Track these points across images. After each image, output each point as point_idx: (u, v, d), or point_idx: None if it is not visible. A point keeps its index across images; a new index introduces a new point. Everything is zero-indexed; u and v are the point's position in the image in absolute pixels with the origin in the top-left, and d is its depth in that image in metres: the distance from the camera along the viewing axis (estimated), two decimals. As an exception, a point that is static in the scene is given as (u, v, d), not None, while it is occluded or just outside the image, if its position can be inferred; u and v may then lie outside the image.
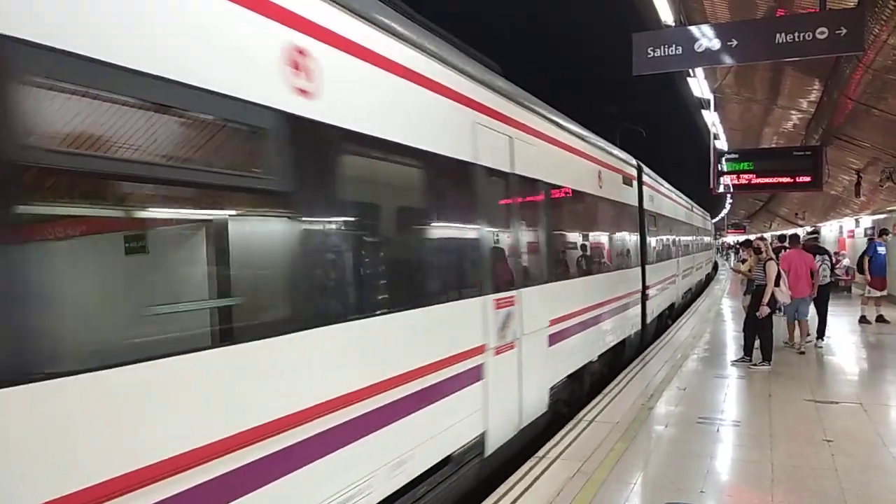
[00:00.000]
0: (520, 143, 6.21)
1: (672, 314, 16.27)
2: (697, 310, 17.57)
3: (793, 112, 13.03)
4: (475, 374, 4.98)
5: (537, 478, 5.17)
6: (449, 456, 4.67)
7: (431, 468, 4.42)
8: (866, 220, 20.34)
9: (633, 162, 12.29)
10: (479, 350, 5.05)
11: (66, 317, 2.41)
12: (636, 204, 12.22)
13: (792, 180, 12.91)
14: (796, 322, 10.58)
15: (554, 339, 6.83)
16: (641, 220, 12.48)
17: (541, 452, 5.77)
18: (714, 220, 49.57)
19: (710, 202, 36.75)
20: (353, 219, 3.81)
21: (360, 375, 3.65)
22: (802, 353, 10.37)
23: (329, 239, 3.57)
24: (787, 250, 11.07)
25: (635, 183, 12.21)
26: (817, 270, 10.59)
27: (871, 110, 9.33)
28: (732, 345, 11.25)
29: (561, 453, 5.74)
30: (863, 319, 13.40)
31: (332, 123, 3.49)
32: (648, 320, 12.45)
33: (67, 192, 2.54)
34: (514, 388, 5.76)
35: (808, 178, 12.64)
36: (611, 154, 10.30)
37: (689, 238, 22.63)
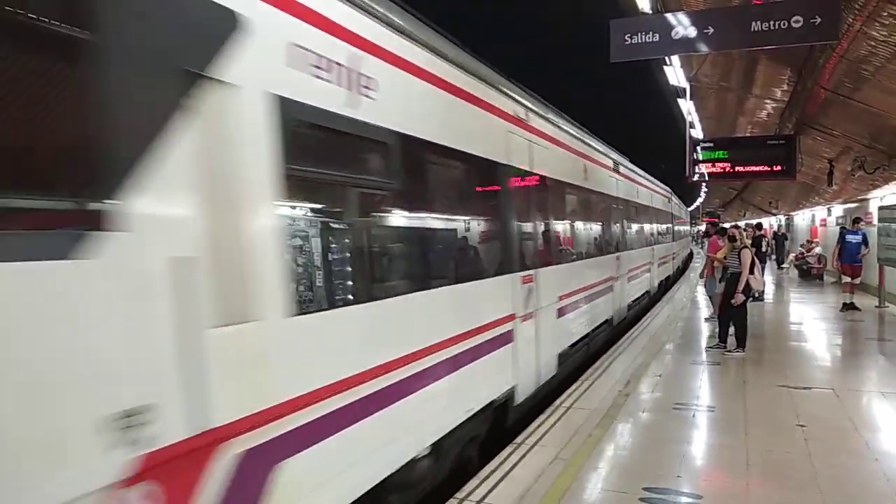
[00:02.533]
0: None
1: (683, 269, 29.35)
2: (673, 297, 17.75)
3: (767, 101, 13.11)
4: None
5: (515, 465, 5.17)
6: None
7: None
8: (838, 209, 20.65)
9: (669, 190, 25.35)
10: None
11: None
12: (671, 212, 25.14)
13: (766, 169, 13.10)
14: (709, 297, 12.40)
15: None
16: (672, 219, 25.46)
17: (518, 439, 5.76)
18: (690, 209, 50.34)
19: (685, 191, 37.68)
20: None
21: None
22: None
23: None
24: (711, 236, 12.90)
25: (671, 201, 25.44)
26: None
27: (843, 100, 9.42)
28: (707, 332, 11.38)
29: (538, 440, 5.75)
30: (844, 307, 13.60)
31: None
32: (678, 265, 27.32)
33: None
34: None
35: (781, 167, 12.84)
36: (666, 189, 24.16)
37: (683, 228, 36.81)
